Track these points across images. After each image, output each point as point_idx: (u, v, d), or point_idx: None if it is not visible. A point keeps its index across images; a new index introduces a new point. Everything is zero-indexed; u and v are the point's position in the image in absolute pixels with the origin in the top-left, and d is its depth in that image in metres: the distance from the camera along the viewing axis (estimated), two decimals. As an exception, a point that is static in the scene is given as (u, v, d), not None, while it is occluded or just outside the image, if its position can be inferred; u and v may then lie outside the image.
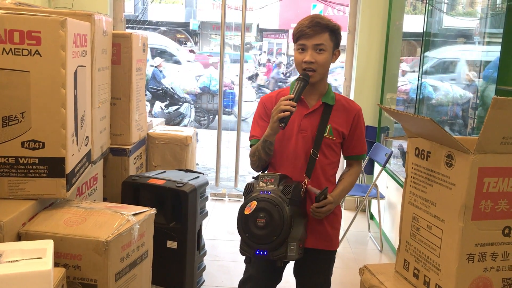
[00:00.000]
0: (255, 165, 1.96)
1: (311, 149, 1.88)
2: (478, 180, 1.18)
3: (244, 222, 1.77)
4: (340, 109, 1.94)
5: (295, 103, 1.77)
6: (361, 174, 4.45)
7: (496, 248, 1.23)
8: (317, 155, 1.87)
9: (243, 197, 1.88)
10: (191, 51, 14.31)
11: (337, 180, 2.04)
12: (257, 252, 1.76)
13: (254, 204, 1.75)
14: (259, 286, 2.04)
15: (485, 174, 1.18)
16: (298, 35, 1.85)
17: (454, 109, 4.70)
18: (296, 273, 2.12)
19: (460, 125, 4.57)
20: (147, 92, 9.09)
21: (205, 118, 9.79)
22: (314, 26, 1.82)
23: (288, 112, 1.74)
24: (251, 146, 1.97)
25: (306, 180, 1.86)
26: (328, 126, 1.90)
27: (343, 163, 2.12)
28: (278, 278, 2.10)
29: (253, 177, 1.94)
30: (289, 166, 1.91)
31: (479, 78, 4.32)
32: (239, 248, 1.84)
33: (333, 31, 1.86)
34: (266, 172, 1.99)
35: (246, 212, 1.76)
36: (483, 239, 1.21)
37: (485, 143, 1.15)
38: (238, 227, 1.81)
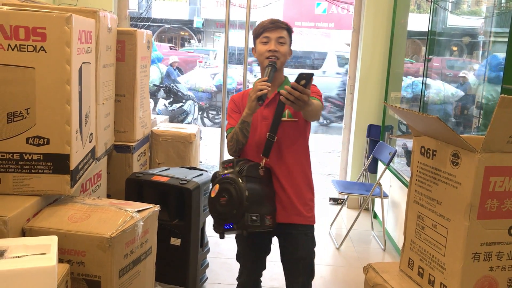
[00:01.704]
0: (232, 150, 2.14)
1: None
2: (484, 179, 1.17)
3: (211, 204, 2.01)
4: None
5: (270, 83, 1.97)
6: (364, 173, 4.44)
7: (501, 248, 1.22)
8: (273, 138, 2.04)
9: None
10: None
11: (304, 166, 2.18)
12: (225, 226, 1.97)
13: (217, 187, 2.00)
14: (248, 257, 2.27)
15: (491, 173, 1.17)
16: (262, 30, 2.09)
17: (446, 107, 4.69)
18: (281, 254, 2.23)
19: (453, 124, 4.55)
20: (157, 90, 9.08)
21: (220, 116, 9.83)
22: (276, 23, 2.09)
23: (265, 90, 1.94)
24: (227, 136, 2.17)
25: (264, 160, 2.05)
26: (287, 111, 2.07)
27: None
28: (266, 251, 2.28)
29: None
30: (255, 151, 2.10)
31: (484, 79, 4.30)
32: (212, 227, 2.05)
33: (289, 30, 2.13)
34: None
35: (212, 195, 2.01)
36: (489, 238, 1.21)
37: (492, 142, 1.15)
38: (209, 210, 2.05)
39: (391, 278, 1.42)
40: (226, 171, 2.02)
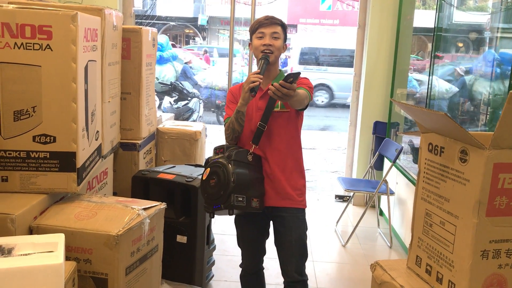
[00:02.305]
0: (229, 138, 2.26)
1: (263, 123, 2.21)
2: (493, 176, 1.16)
3: (202, 186, 2.17)
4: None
5: (262, 76, 2.09)
6: (370, 170, 4.43)
7: (511, 245, 1.21)
8: (264, 127, 2.18)
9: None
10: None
11: (296, 153, 2.29)
12: (214, 206, 2.11)
13: (208, 170, 2.15)
14: (247, 240, 2.38)
15: (500, 170, 1.17)
16: (257, 26, 2.21)
17: (440, 103, 4.67)
18: (275, 237, 2.32)
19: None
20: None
21: None
22: (270, 19, 2.22)
23: (258, 82, 2.05)
24: (224, 125, 2.29)
25: (253, 147, 2.19)
26: (279, 102, 2.18)
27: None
28: (263, 234, 2.39)
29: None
30: (249, 139, 2.22)
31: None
32: (203, 208, 2.21)
33: (283, 26, 2.25)
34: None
35: (203, 177, 2.16)
36: (498, 235, 1.20)
37: (501, 139, 1.14)
38: (201, 191, 2.22)
39: (399, 276, 1.42)
40: (217, 156, 2.18)
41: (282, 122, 2.22)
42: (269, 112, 2.18)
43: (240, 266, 2.45)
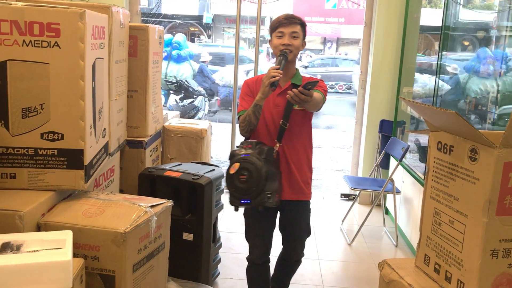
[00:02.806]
0: (244, 130, 2.32)
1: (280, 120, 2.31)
2: (504, 174, 1.16)
3: (230, 180, 2.21)
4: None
5: (281, 71, 2.18)
6: (376, 169, 4.42)
7: (521, 244, 1.21)
8: (286, 125, 2.28)
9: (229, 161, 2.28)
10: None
11: (307, 149, 2.42)
12: (242, 201, 2.20)
13: (237, 165, 2.19)
14: (257, 231, 2.45)
15: (510, 169, 1.16)
16: (277, 25, 2.29)
17: (431, 101, 4.66)
18: (282, 227, 2.48)
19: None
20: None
21: None
22: (290, 18, 2.29)
23: (278, 77, 2.14)
24: (239, 117, 2.34)
25: (277, 145, 2.29)
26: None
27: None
28: (272, 225, 2.48)
29: (236, 146, 2.37)
30: (267, 134, 2.34)
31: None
32: (228, 201, 2.26)
33: (302, 24, 2.32)
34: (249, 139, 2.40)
35: (231, 171, 2.20)
36: (508, 234, 1.19)
37: (511, 137, 1.13)
38: (226, 184, 2.26)
39: (407, 275, 1.41)
40: (246, 152, 2.23)
41: (299, 119, 2.33)
42: (290, 110, 2.27)
43: (248, 259, 2.50)
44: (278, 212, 2.45)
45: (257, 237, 2.46)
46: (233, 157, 2.25)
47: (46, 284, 1.34)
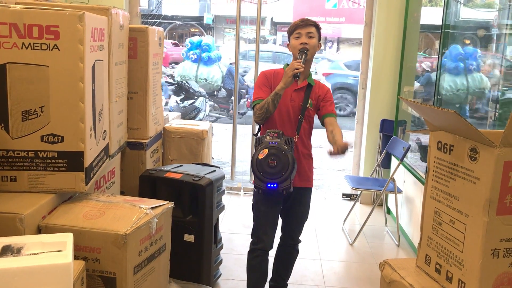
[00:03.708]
0: (260, 118, 2.49)
1: (298, 115, 2.52)
2: (504, 174, 1.15)
3: (258, 164, 2.37)
4: (316, 89, 2.60)
5: (303, 65, 2.38)
6: (377, 168, 4.41)
7: (521, 244, 1.20)
8: (302, 120, 2.52)
9: (255, 148, 2.46)
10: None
11: (310, 141, 2.64)
12: (268, 185, 2.36)
13: (266, 151, 2.36)
14: (270, 217, 2.56)
15: (510, 168, 1.16)
16: (294, 28, 2.50)
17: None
18: (284, 212, 2.63)
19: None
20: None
21: None
22: (305, 21, 2.50)
23: (301, 69, 2.34)
24: (255, 105, 2.50)
25: (296, 136, 2.51)
26: (310, 100, 2.54)
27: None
28: (279, 205, 2.59)
29: (255, 135, 2.61)
30: (283, 125, 2.52)
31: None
32: (253, 185, 2.45)
33: (317, 26, 2.53)
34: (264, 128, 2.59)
35: (260, 157, 2.36)
36: (509, 234, 1.19)
37: (511, 136, 1.13)
38: (253, 169, 2.41)
39: (408, 275, 1.41)
40: (273, 139, 2.40)
41: (309, 116, 2.56)
42: (306, 107, 2.51)
43: (257, 247, 2.55)
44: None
45: (269, 226, 2.55)
46: (260, 143, 2.41)
47: (47, 287, 1.34)
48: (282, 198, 2.54)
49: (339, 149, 2.32)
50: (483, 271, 1.19)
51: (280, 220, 2.66)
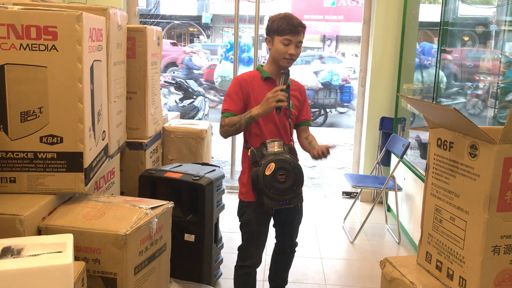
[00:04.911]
0: (227, 134, 2.28)
1: (284, 120, 2.32)
2: (504, 170, 1.15)
3: (267, 181, 2.12)
4: (294, 88, 2.39)
5: (285, 94, 2.18)
6: (377, 166, 4.41)
7: (522, 240, 1.20)
8: (291, 124, 2.34)
9: (253, 162, 2.20)
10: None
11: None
12: (282, 202, 2.15)
13: (272, 165, 2.12)
14: (262, 236, 2.40)
15: (510, 165, 1.15)
16: (287, 32, 2.21)
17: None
18: (279, 224, 2.49)
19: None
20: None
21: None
22: (300, 27, 2.23)
23: (285, 102, 2.16)
24: (224, 117, 2.28)
25: (292, 142, 2.33)
26: (291, 102, 2.35)
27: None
28: (270, 219, 2.43)
29: (246, 147, 2.33)
30: (274, 134, 2.30)
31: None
32: (263, 204, 2.17)
33: (305, 29, 2.29)
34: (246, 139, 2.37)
35: (267, 172, 2.11)
36: (509, 230, 1.19)
37: (511, 133, 1.12)
38: (260, 187, 2.14)
39: (409, 272, 1.41)
40: (275, 150, 2.18)
41: (293, 119, 2.39)
42: (290, 111, 2.33)
43: (245, 264, 2.43)
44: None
45: (262, 245, 2.42)
46: (262, 157, 2.16)
47: (47, 288, 1.34)
48: (274, 212, 2.34)
49: (323, 150, 2.19)
50: (484, 268, 1.19)
51: (273, 229, 2.52)
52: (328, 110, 10.32)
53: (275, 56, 2.27)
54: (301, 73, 10.35)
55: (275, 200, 2.15)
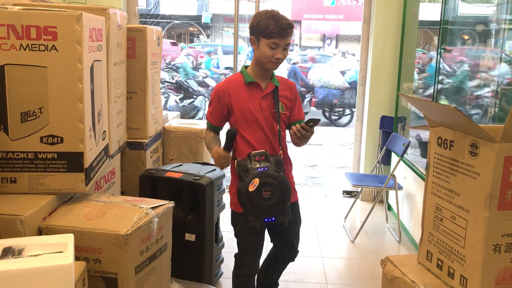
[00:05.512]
0: (206, 146, 2.27)
1: (273, 125, 2.19)
2: (504, 169, 1.15)
3: (251, 198, 2.00)
4: (283, 87, 2.26)
5: (228, 155, 2.10)
6: (377, 165, 4.41)
7: (523, 239, 1.20)
8: (281, 130, 2.19)
9: (238, 176, 2.08)
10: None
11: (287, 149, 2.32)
12: (267, 220, 2.04)
13: (256, 181, 2.00)
14: (257, 247, 2.30)
15: (511, 163, 1.15)
16: (275, 35, 2.06)
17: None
18: (278, 235, 2.38)
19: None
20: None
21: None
22: (289, 29, 2.09)
23: (227, 165, 2.14)
24: (207, 126, 2.27)
25: (280, 152, 2.18)
26: (280, 104, 2.20)
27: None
28: (265, 229, 2.33)
29: (233, 158, 2.20)
30: (262, 142, 2.18)
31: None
32: (248, 221, 2.06)
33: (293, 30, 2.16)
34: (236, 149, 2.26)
35: (251, 189, 1.99)
36: (510, 229, 1.19)
37: (511, 131, 1.12)
38: (243, 203, 2.03)
39: (410, 271, 1.41)
40: (260, 165, 2.04)
41: (282, 124, 2.24)
42: (279, 114, 2.18)
43: (242, 273, 2.35)
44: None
45: (258, 256, 2.33)
46: (246, 171, 2.04)
47: (48, 288, 1.34)
48: (266, 227, 2.26)
49: (301, 126, 2.01)
50: (485, 266, 1.19)
51: (269, 236, 2.42)
52: (354, 109, 10.32)
53: (260, 59, 2.13)
54: (327, 73, 10.27)
55: (259, 218, 2.04)
